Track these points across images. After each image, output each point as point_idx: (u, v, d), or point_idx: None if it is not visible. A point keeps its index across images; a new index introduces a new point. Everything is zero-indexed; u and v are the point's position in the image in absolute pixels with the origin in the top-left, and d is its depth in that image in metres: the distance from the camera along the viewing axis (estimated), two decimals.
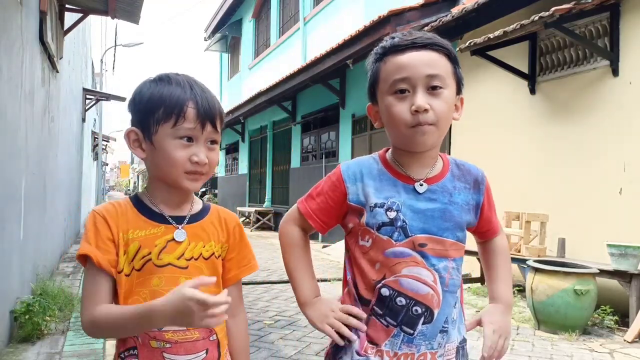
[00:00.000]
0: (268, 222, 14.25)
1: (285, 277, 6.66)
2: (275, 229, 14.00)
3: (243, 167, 17.62)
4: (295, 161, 13.12)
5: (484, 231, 1.33)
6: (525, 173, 5.85)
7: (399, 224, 1.17)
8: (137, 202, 1.20)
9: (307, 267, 1.30)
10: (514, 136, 6.02)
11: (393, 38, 1.21)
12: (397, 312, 1.17)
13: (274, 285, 6.23)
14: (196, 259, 1.18)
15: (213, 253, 1.21)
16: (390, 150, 1.28)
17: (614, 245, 4.29)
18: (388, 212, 1.18)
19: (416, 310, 1.17)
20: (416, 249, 1.17)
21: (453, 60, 1.20)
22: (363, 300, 1.21)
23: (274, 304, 5.18)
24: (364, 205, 1.20)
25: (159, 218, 1.18)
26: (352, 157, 10.20)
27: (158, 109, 1.13)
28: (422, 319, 1.17)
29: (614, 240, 4.43)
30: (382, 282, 1.18)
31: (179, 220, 1.19)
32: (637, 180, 4.61)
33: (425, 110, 1.13)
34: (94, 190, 20.86)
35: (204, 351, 1.16)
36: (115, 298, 1.14)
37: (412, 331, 1.17)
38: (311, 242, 1.34)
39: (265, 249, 9.67)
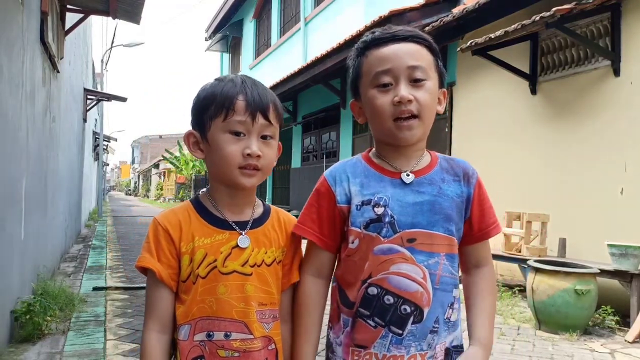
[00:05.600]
0: None
1: None
2: None
3: None
4: (296, 161, 13.13)
5: (478, 230, 1.21)
6: (526, 173, 5.84)
7: (387, 219, 1.13)
8: (199, 206, 1.19)
9: (314, 328, 1.21)
10: (515, 136, 6.02)
11: (374, 32, 1.19)
12: (384, 312, 1.12)
13: None
14: (259, 266, 1.17)
15: (275, 259, 1.20)
16: (373, 148, 1.26)
17: (615, 245, 4.29)
18: (375, 208, 1.14)
19: (405, 309, 1.12)
20: (405, 244, 1.13)
21: (435, 52, 1.18)
22: (347, 303, 1.17)
23: None
24: (350, 204, 1.17)
25: (223, 224, 1.17)
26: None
27: (210, 105, 1.14)
28: (412, 319, 1.12)
29: (615, 240, 4.42)
30: (369, 281, 1.14)
31: (242, 225, 1.18)
32: (638, 180, 4.60)
33: (409, 101, 1.11)
34: (95, 190, 20.87)
35: None
36: (179, 305, 1.15)
37: (400, 331, 1.12)
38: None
39: None
